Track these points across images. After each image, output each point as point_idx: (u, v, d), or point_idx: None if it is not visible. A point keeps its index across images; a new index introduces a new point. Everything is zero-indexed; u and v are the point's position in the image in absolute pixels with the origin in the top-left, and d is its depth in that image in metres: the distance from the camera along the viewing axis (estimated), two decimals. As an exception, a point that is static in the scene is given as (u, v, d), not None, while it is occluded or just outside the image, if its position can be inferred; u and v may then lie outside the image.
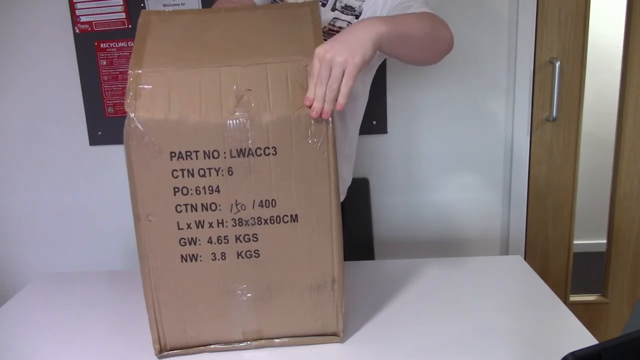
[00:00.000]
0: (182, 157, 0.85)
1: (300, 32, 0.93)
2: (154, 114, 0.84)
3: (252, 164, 0.86)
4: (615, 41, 1.90)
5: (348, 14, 1.19)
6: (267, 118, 0.85)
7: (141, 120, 0.84)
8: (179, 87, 0.86)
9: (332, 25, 1.19)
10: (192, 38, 0.93)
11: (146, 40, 0.91)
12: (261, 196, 0.88)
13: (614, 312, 2.05)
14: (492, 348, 0.94)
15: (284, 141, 0.86)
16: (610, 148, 1.94)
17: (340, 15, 1.19)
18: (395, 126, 1.88)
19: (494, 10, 1.79)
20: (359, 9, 1.19)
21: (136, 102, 0.84)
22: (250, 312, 0.94)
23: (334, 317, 0.96)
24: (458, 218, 1.96)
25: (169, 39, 0.93)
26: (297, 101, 0.85)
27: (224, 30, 0.95)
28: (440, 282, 1.20)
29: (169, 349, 0.96)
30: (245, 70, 0.86)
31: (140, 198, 0.87)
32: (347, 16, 1.19)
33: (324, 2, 1.20)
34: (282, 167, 0.87)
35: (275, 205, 0.88)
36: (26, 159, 1.95)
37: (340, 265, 0.93)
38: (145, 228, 0.89)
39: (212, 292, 0.92)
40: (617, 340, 0.58)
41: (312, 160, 0.87)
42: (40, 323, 1.11)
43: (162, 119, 0.84)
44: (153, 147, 0.85)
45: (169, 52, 0.90)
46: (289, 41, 0.92)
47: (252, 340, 0.97)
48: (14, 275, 2.04)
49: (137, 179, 0.86)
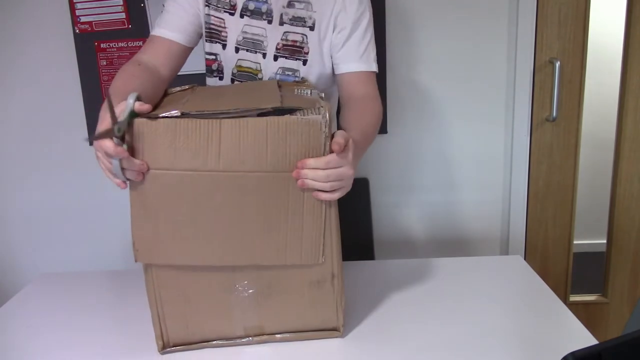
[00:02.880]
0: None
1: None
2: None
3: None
4: (615, 41, 1.90)
5: (298, 25, 1.19)
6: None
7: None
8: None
9: (285, 40, 1.19)
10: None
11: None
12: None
13: (614, 312, 2.05)
14: (492, 348, 0.94)
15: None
16: (610, 148, 1.94)
17: (290, 28, 1.19)
18: (395, 126, 1.88)
19: (494, 10, 1.79)
20: (311, 20, 1.18)
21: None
22: (252, 308, 0.95)
23: (334, 312, 0.97)
24: (458, 218, 1.96)
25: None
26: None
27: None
28: (440, 282, 1.20)
29: (172, 345, 0.97)
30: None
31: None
32: (298, 28, 1.18)
33: (270, 20, 1.19)
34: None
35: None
36: (26, 159, 1.95)
37: (339, 260, 0.94)
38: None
39: (213, 288, 0.93)
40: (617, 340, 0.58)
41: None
42: (40, 323, 1.11)
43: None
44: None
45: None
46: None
47: (254, 336, 0.97)
48: (14, 275, 2.04)
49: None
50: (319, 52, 1.20)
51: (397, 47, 1.81)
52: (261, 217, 0.88)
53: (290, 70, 1.21)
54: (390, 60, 1.82)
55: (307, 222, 0.90)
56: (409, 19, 1.79)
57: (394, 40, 1.81)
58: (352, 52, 1.18)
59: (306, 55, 1.20)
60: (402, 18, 1.79)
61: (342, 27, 1.17)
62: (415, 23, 1.80)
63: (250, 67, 1.22)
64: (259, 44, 1.20)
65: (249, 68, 1.22)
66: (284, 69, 1.21)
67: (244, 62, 1.22)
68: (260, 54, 1.21)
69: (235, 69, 1.23)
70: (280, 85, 1.07)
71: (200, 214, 0.88)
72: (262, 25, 1.19)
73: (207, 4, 1.19)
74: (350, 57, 1.18)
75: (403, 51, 1.82)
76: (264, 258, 0.90)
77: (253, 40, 1.20)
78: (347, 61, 1.19)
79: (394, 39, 1.81)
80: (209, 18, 1.20)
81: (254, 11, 1.19)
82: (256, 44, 1.20)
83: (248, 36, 1.20)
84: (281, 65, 1.21)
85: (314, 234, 0.90)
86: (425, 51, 1.82)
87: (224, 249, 0.89)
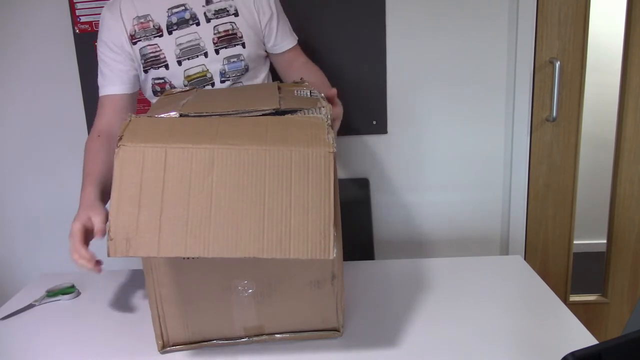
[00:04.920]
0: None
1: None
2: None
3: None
4: (615, 41, 1.90)
5: (224, 16, 1.27)
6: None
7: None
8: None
9: (218, 32, 1.27)
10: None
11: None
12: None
13: (614, 312, 2.05)
14: (492, 348, 0.94)
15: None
16: (610, 148, 1.94)
17: (217, 21, 1.27)
18: (395, 126, 1.88)
19: (494, 10, 1.79)
20: (232, 8, 1.28)
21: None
22: (252, 308, 0.95)
23: (334, 312, 0.97)
24: (458, 218, 1.96)
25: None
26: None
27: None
28: (440, 282, 1.20)
29: (172, 345, 0.97)
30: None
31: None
32: (225, 18, 1.27)
33: (197, 22, 1.26)
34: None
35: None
36: (26, 159, 1.95)
37: (339, 261, 0.94)
38: None
39: (213, 288, 0.93)
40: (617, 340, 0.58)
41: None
42: (40, 323, 1.11)
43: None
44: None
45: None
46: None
47: (253, 336, 0.97)
48: (14, 275, 2.04)
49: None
50: (250, 33, 1.29)
51: (397, 47, 1.81)
52: (261, 199, 0.78)
53: (234, 57, 1.29)
54: (390, 60, 1.82)
55: (314, 207, 0.78)
56: (409, 19, 1.79)
57: (394, 40, 1.81)
58: (283, 32, 1.35)
59: (242, 39, 1.29)
60: (402, 18, 1.79)
61: (263, 11, 1.30)
62: (415, 23, 1.80)
63: (197, 72, 1.28)
64: (197, 47, 1.27)
65: (197, 73, 1.28)
66: (228, 58, 1.28)
67: (190, 71, 1.28)
68: (201, 55, 1.27)
69: (185, 80, 1.28)
70: (280, 87, 1.07)
71: (192, 195, 0.78)
72: (193, 30, 1.26)
73: (134, 42, 1.25)
74: (284, 37, 1.36)
75: (403, 51, 1.82)
76: (264, 250, 0.78)
77: (190, 47, 1.26)
78: (282, 41, 1.36)
79: (394, 39, 1.81)
80: (145, 50, 1.26)
81: (178, 22, 1.26)
82: (194, 48, 1.27)
83: (184, 46, 1.26)
84: (225, 55, 1.28)
85: (321, 224, 0.78)
86: (425, 51, 1.82)
87: (217, 237, 0.78)
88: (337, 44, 1.79)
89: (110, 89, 1.27)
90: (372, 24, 1.79)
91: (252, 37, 1.30)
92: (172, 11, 1.26)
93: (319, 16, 1.77)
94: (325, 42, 1.78)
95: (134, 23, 1.25)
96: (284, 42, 1.36)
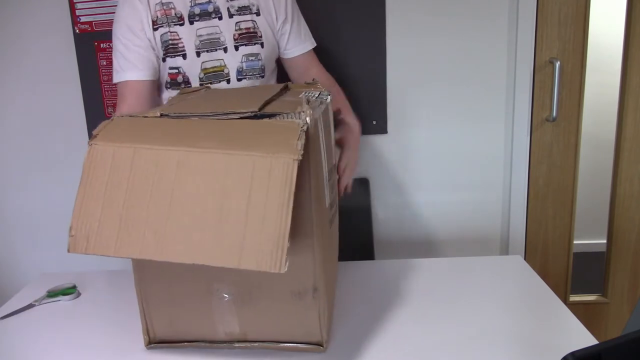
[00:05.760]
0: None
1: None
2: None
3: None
4: (615, 41, 1.90)
5: (246, 13, 1.28)
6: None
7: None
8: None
9: (239, 29, 1.27)
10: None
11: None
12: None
13: (614, 312, 2.05)
14: (492, 348, 0.94)
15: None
16: (610, 148, 1.94)
17: (240, 17, 1.27)
18: (395, 126, 1.88)
19: (494, 10, 1.79)
20: (255, 7, 1.28)
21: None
22: (232, 313, 0.92)
23: (317, 326, 0.92)
24: (458, 218, 1.96)
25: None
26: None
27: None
28: (440, 282, 1.20)
29: (157, 341, 0.97)
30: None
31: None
32: (247, 15, 1.28)
33: (220, 16, 1.26)
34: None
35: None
36: (26, 159, 1.95)
37: (322, 272, 0.88)
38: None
39: (196, 289, 0.92)
40: (617, 340, 0.58)
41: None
42: (39, 323, 1.11)
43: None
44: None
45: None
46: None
47: (235, 342, 0.95)
48: (14, 275, 2.04)
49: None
50: (269, 34, 1.30)
51: (397, 46, 1.81)
52: (218, 205, 0.75)
53: (252, 55, 1.29)
54: (390, 60, 1.82)
55: (270, 217, 0.74)
56: (409, 19, 1.79)
57: (394, 40, 1.81)
58: (296, 37, 1.36)
59: (261, 39, 1.29)
60: (402, 18, 1.79)
61: (279, 13, 1.31)
62: (415, 23, 1.80)
63: (215, 66, 1.27)
64: (216, 41, 1.26)
65: (214, 67, 1.27)
66: (247, 55, 1.28)
67: (208, 63, 1.26)
68: (220, 50, 1.26)
69: (202, 73, 1.27)
70: (290, 88, 1.06)
71: (153, 197, 0.77)
72: (214, 24, 1.25)
73: (156, 27, 1.23)
74: (296, 42, 1.36)
75: (403, 51, 1.82)
76: (214, 257, 0.75)
77: (210, 40, 1.25)
78: (293, 46, 1.36)
79: (394, 39, 1.81)
80: (165, 36, 1.24)
81: (201, 14, 1.25)
82: (214, 42, 1.25)
83: (204, 38, 1.25)
84: (244, 52, 1.27)
85: (276, 234, 0.73)
86: (425, 51, 1.82)
87: (173, 241, 0.76)
88: (337, 44, 1.79)
89: (131, 74, 1.23)
90: (372, 24, 1.79)
91: (270, 38, 1.30)
92: (196, 2, 1.25)
93: (318, 16, 1.77)
94: (325, 42, 1.78)
95: (157, 9, 1.23)
96: (295, 47, 1.37)
